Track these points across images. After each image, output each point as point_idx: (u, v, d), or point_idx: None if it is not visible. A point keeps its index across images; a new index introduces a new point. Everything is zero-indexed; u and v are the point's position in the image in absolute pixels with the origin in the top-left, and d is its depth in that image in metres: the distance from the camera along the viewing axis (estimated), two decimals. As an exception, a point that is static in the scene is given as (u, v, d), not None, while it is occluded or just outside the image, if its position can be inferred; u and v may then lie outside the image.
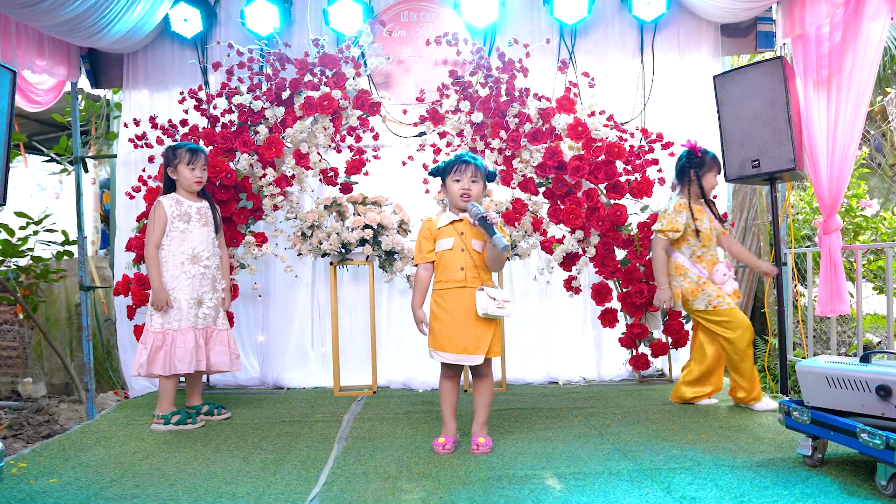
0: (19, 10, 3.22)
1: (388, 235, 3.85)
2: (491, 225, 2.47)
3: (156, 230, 3.09)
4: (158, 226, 3.10)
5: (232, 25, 4.28)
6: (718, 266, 3.25)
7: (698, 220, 3.25)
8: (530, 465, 2.41)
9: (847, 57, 3.42)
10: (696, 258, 3.28)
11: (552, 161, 3.75)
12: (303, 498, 2.11)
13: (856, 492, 2.05)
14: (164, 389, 3.11)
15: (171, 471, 2.43)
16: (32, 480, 2.33)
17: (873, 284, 5.50)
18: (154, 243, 3.09)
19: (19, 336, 5.42)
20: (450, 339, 2.56)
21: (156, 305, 3.06)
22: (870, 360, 2.26)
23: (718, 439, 2.70)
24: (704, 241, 3.27)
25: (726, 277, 3.24)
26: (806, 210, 5.50)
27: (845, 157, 3.50)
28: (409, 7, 4.25)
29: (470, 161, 2.60)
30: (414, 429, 2.99)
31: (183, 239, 3.12)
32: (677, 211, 3.25)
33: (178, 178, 3.17)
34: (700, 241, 3.27)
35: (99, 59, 4.33)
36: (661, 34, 4.29)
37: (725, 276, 3.24)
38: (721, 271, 3.23)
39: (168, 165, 3.19)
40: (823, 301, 3.62)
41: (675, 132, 3.88)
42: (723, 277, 3.23)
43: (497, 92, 3.81)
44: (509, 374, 4.08)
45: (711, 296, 3.19)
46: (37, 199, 6.90)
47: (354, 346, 4.28)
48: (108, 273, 5.72)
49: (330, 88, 3.78)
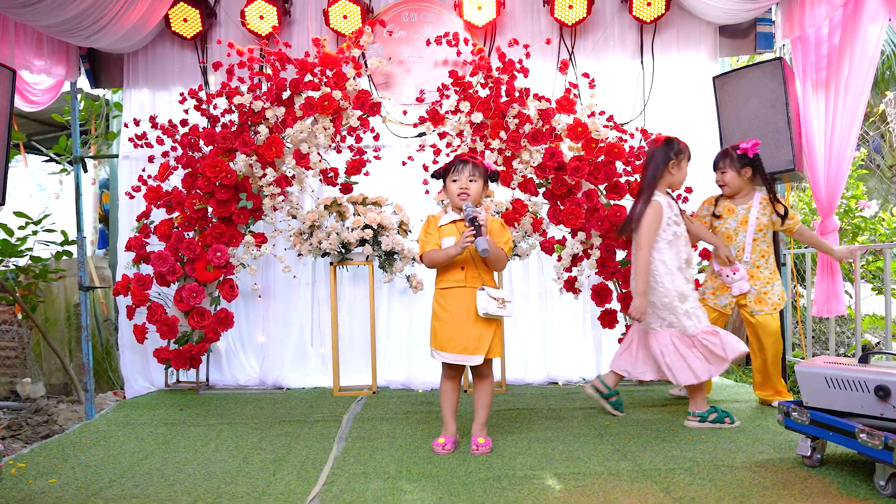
0: (19, 10, 3.22)
1: (387, 236, 3.85)
2: (478, 226, 2.48)
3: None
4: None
5: (231, 25, 4.28)
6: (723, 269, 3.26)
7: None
8: (530, 465, 2.41)
9: (845, 58, 3.43)
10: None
11: (552, 161, 3.75)
12: (302, 498, 2.12)
13: (854, 492, 2.05)
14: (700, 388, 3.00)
15: (171, 471, 2.43)
16: (31, 481, 2.33)
17: (872, 285, 5.51)
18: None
19: (18, 336, 5.41)
20: (450, 338, 2.56)
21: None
22: (868, 360, 2.27)
23: (717, 440, 2.70)
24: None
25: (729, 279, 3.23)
26: (805, 211, 5.51)
27: (842, 159, 3.50)
28: (410, 7, 4.26)
29: (467, 160, 2.62)
30: (414, 429, 2.99)
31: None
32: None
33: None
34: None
35: (99, 59, 4.34)
36: (661, 35, 4.30)
37: (728, 277, 3.23)
38: (724, 273, 3.24)
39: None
40: (820, 302, 3.63)
41: (674, 133, 3.88)
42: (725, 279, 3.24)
43: (497, 92, 3.81)
44: (509, 374, 4.08)
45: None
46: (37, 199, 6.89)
47: (354, 346, 4.29)
48: (107, 273, 5.72)
49: (330, 89, 3.78)
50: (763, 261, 3.22)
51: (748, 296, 3.21)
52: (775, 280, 3.22)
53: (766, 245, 3.23)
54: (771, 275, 3.22)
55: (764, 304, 3.19)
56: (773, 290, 3.20)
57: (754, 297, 3.20)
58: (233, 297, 3.87)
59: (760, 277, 3.21)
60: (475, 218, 2.49)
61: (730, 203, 3.27)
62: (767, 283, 3.21)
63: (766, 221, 3.20)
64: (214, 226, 3.80)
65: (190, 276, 3.82)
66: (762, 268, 3.22)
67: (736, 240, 3.25)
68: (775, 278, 3.23)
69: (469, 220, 2.51)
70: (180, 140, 3.88)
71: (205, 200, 3.78)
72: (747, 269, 3.20)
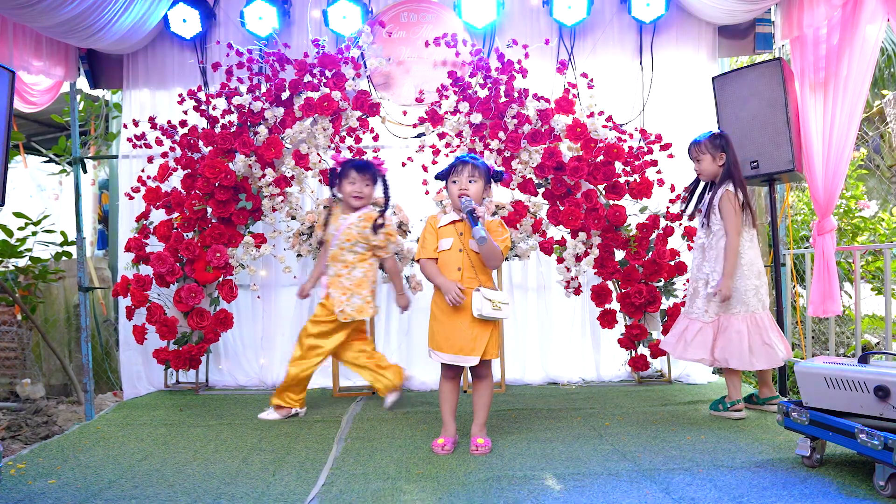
0: (17, 11, 3.21)
1: (387, 236, 3.84)
2: (476, 218, 2.49)
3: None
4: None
5: (231, 26, 4.28)
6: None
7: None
8: (529, 465, 2.41)
9: (844, 59, 3.43)
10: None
11: (551, 162, 3.76)
12: (302, 499, 2.11)
13: (854, 492, 2.05)
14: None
15: (170, 472, 2.42)
16: (31, 481, 2.33)
17: (872, 285, 5.51)
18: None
19: (18, 337, 5.41)
20: (447, 339, 2.56)
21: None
22: (868, 360, 2.27)
23: (717, 440, 2.70)
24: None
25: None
26: (804, 211, 5.51)
27: (840, 159, 3.50)
28: (409, 8, 4.26)
29: (467, 161, 2.62)
30: (413, 429, 2.99)
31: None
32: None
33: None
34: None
35: (98, 60, 4.34)
36: (660, 35, 4.29)
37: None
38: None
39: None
40: (816, 302, 3.63)
41: (674, 133, 3.89)
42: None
43: (496, 93, 3.81)
44: (508, 374, 4.08)
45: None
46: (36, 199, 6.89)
47: (353, 346, 4.28)
48: (106, 274, 5.72)
49: (329, 89, 3.79)
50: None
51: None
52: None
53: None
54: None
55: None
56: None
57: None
58: (232, 297, 3.87)
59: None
60: (473, 210, 2.51)
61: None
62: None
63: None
64: (214, 226, 3.80)
65: (189, 277, 3.82)
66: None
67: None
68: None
69: (468, 212, 2.51)
70: (179, 141, 3.88)
71: (204, 201, 3.78)
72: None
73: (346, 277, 3.22)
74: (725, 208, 3.03)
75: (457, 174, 2.62)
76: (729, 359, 3.03)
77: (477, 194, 2.62)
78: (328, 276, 3.25)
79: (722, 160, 3.12)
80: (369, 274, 3.26)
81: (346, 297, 3.19)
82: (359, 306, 3.20)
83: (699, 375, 4.07)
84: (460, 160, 2.64)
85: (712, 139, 3.14)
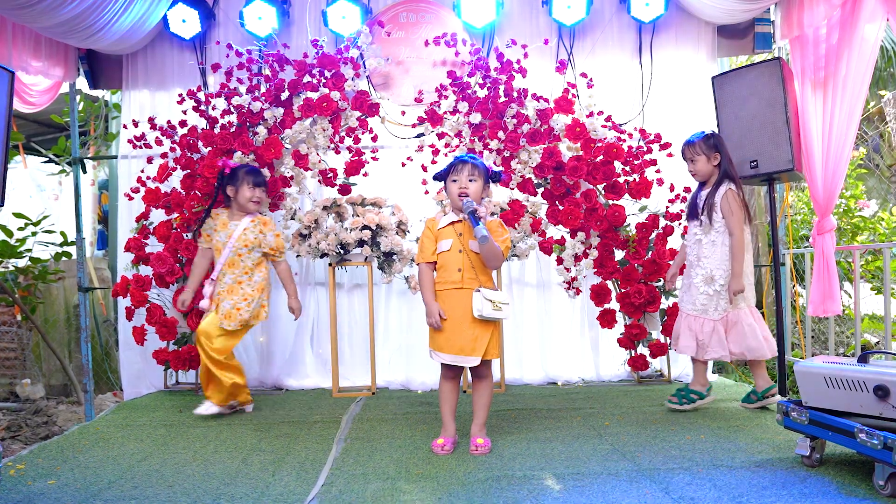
0: (17, 11, 3.21)
1: (386, 236, 3.85)
2: (478, 218, 2.50)
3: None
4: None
5: (230, 26, 4.28)
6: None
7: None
8: (529, 465, 2.41)
9: (843, 58, 3.42)
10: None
11: (550, 161, 3.76)
12: (301, 499, 2.12)
13: (854, 492, 2.05)
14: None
15: (170, 472, 2.43)
16: (30, 482, 2.33)
17: (871, 285, 5.51)
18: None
19: (18, 337, 5.42)
20: (447, 339, 2.56)
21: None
22: (868, 360, 2.27)
23: (717, 440, 2.70)
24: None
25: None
26: (804, 210, 5.51)
27: (840, 158, 3.50)
28: (408, 8, 4.25)
29: (467, 160, 2.62)
30: (413, 430, 2.99)
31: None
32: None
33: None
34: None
35: (98, 60, 4.33)
36: (660, 35, 4.29)
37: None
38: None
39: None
40: (815, 301, 3.63)
41: (673, 133, 3.89)
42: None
43: (495, 93, 3.81)
44: (508, 374, 4.08)
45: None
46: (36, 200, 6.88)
47: (353, 347, 4.29)
48: (106, 274, 5.72)
49: (329, 89, 3.79)
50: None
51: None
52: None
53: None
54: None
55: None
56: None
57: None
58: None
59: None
60: (475, 210, 2.51)
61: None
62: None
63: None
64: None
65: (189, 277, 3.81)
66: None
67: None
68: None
69: (469, 212, 2.52)
70: (179, 141, 3.88)
71: (204, 201, 3.78)
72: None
73: (247, 283, 3.32)
74: (729, 207, 3.09)
75: (456, 173, 2.62)
76: (747, 352, 3.12)
77: (476, 193, 2.62)
78: (224, 283, 3.30)
79: (717, 160, 3.19)
80: (267, 277, 3.40)
81: (246, 302, 3.29)
82: (256, 311, 3.35)
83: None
84: (459, 160, 2.64)
85: (706, 139, 3.20)
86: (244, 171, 3.33)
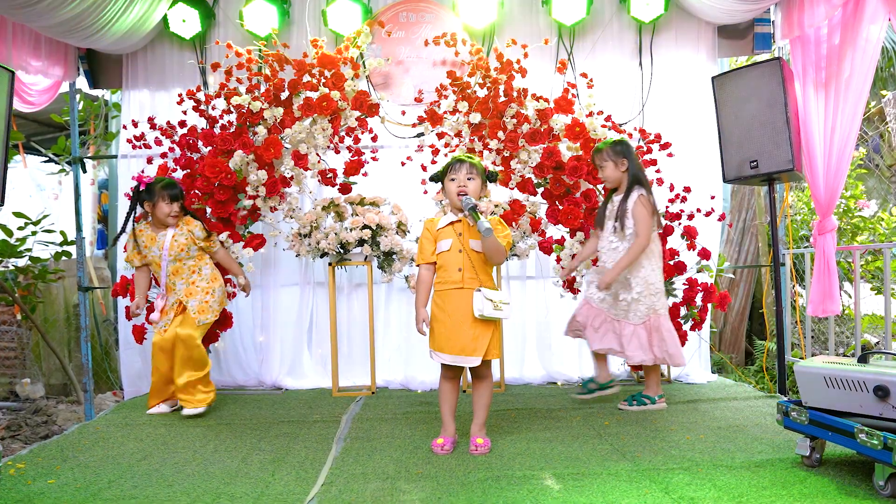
0: (17, 11, 3.21)
1: (386, 236, 3.85)
2: (479, 213, 2.50)
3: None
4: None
5: (230, 26, 4.28)
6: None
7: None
8: (529, 465, 2.41)
9: (846, 58, 3.42)
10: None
11: (550, 161, 3.75)
12: (301, 499, 2.11)
13: (853, 492, 2.05)
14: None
15: (170, 471, 2.42)
16: (30, 481, 2.33)
17: (871, 285, 5.51)
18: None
19: (17, 337, 5.42)
20: (448, 339, 2.56)
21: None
22: (868, 360, 2.27)
23: (716, 440, 2.70)
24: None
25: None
26: (804, 210, 5.51)
27: (842, 159, 3.50)
28: (408, 8, 4.25)
29: (465, 160, 2.62)
30: (412, 429, 2.99)
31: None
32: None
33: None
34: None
35: (98, 60, 4.33)
36: (660, 35, 4.29)
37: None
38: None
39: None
40: (815, 301, 3.63)
41: (673, 133, 3.89)
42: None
43: (495, 92, 3.81)
44: (508, 374, 4.08)
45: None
46: (36, 199, 6.88)
47: (353, 346, 4.29)
48: (106, 273, 5.72)
49: (328, 89, 3.78)
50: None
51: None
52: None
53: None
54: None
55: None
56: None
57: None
58: (231, 296, 3.87)
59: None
60: (475, 206, 2.52)
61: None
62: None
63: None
64: (213, 226, 3.79)
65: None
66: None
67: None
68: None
69: (469, 208, 2.52)
70: (179, 141, 3.87)
71: (203, 201, 3.78)
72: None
73: (201, 279, 3.41)
74: (639, 212, 3.13)
75: (455, 172, 2.62)
76: (667, 357, 3.18)
77: (475, 192, 2.62)
78: (179, 291, 3.38)
79: (624, 166, 3.23)
80: (212, 265, 3.52)
81: (210, 294, 3.40)
82: (221, 298, 3.50)
83: (698, 375, 4.07)
84: (456, 159, 2.64)
85: (613, 146, 3.26)
86: (160, 185, 3.34)
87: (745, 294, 5.67)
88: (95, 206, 6.39)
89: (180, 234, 3.38)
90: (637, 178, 3.21)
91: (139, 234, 3.40)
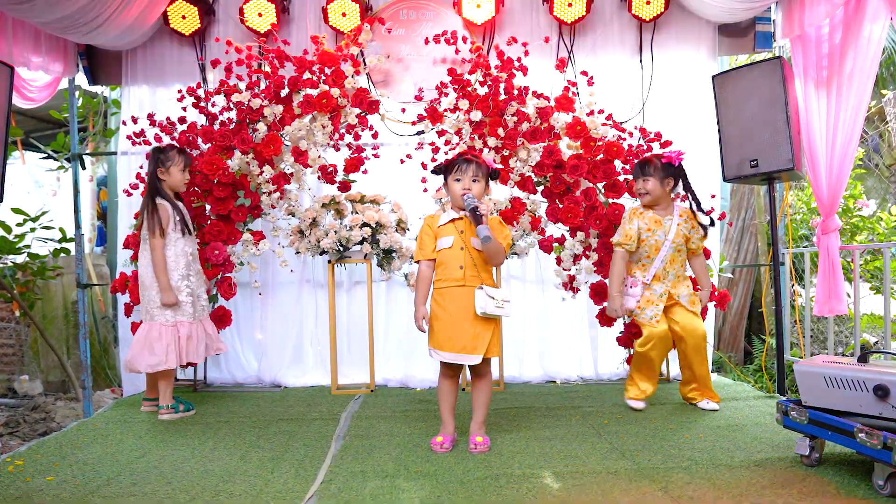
0: (17, 6, 3.20)
1: (386, 234, 3.84)
2: (479, 216, 2.49)
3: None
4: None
5: (230, 22, 4.27)
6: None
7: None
8: (528, 464, 2.41)
9: (847, 57, 3.42)
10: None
11: (550, 160, 3.75)
12: (300, 496, 2.11)
13: (853, 492, 2.05)
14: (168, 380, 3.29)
15: (168, 469, 2.42)
16: (29, 478, 2.32)
17: (870, 284, 5.51)
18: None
19: (16, 333, 5.41)
20: (448, 338, 2.56)
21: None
22: (867, 360, 2.27)
23: (716, 439, 2.70)
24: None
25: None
26: (803, 210, 5.51)
27: (844, 158, 3.50)
28: (408, 5, 4.25)
29: (472, 160, 2.61)
30: (412, 427, 2.99)
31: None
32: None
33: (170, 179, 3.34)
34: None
35: (97, 56, 4.32)
36: (660, 33, 4.29)
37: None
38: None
39: (160, 166, 3.32)
40: (821, 301, 3.63)
41: (673, 131, 3.88)
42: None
43: (496, 90, 3.80)
44: (507, 373, 4.08)
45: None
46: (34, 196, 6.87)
47: (352, 344, 4.28)
48: (104, 270, 5.71)
49: (329, 86, 3.77)
50: (683, 270, 3.32)
51: (682, 298, 3.25)
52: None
53: (683, 256, 3.31)
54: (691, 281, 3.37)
55: (696, 306, 3.28)
56: (696, 295, 3.32)
57: (688, 300, 3.26)
58: (231, 295, 3.86)
59: (688, 285, 3.30)
60: (476, 208, 2.51)
61: (655, 214, 3.29)
62: (695, 289, 3.33)
63: (685, 234, 3.28)
64: (212, 223, 3.79)
65: (188, 274, 3.80)
66: (682, 277, 3.30)
67: (659, 253, 3.25)
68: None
69: (471, 210, 2.51)
70: (178, 137, 3.86)
71: (203, 198, 3.77)
72: (671, 282, 3.25)
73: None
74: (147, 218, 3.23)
75: (460, 172, 2.61)
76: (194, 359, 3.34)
77: (479, 194, 2.61)
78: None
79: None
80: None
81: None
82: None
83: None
84: (463, 158, 2.63)
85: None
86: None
87: (745, 293, 5.68)
88: (94, 202, 6.38)
89: (685, 225, 3.28)
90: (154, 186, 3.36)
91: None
